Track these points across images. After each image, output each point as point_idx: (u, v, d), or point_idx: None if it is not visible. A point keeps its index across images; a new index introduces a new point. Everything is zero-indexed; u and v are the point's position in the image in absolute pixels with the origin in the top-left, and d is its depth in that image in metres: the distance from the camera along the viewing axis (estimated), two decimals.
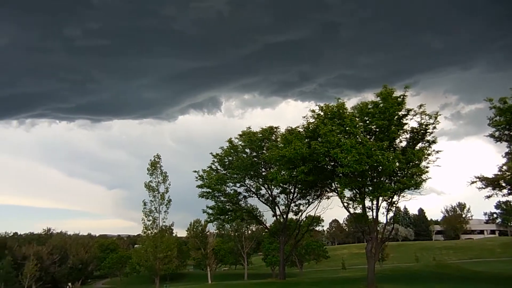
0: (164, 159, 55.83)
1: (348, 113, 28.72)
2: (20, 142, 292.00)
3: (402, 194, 29.87)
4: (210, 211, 40.15)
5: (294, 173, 30.12)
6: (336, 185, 31.66)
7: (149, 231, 54.24)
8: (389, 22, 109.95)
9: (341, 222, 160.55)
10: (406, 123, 29.14)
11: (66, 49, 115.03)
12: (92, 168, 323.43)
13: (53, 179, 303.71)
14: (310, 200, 39.81)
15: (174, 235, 71.05)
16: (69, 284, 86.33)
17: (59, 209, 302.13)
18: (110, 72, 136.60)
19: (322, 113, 29.67)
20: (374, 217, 30.30)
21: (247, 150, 38.80)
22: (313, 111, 30.55)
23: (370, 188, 29.18)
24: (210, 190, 39.07)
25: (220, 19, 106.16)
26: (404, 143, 29.86)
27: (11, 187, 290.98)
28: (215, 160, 40.21)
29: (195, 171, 40.07)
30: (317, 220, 46.66)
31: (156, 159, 54.95)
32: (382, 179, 28.96)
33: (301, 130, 32.01)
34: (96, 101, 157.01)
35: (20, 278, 69.74)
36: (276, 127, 37.86)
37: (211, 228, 73.89)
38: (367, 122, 28.83)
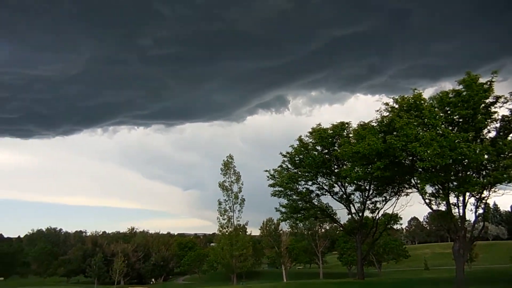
0: (234, 159, 57.13)
1: (426, 104, 26.88)
2: (105, 148, 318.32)
3: (493, 189, 27.20)
4: (283, 210, 40.14)
5: (369, 169, 29.04)
6: (415, 181, 29.81)
7: (225, 230, 55.92)
8: (465, 2, 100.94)
9: (421, 220, 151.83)
10: (495, 112, 26.46)
11: (140, 59, 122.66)
12: (168, 170, 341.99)
13: (134, 181, 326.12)
14: (387, 197, 38.16)
15: (248, 233, 72.24)
16: (153, 279, 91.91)
17: (140, 209, 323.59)
18: (181, 78, 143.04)
19: (397, 106, 28.17)
20: (461, 214, 28.08)
21: (318, 148, 38.11)
22: (387, 104, 29.16)
23: (455, 183, 27.09)
24: (282, 189, 39.12)
25: (283, 17, 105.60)
26: (493, 133, 27.16)
27: (98, 190, 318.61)
28: (286, 159, 40.08)
29: (266, 171, 40.44)
30: (395, 218, 44.49)
31: (229, 159, 56.44)
32: (468, 173, 26.70)
33: (374, 124, 30.64)
34: (169, 107, 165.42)
35: (110, 273, 75.73)
36: (347, 123, 36.69)
37: (284, 226, 73.97)
38: (449, 112, 26.72)
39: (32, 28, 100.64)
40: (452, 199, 28.09)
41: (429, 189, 28.88)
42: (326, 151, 37.76)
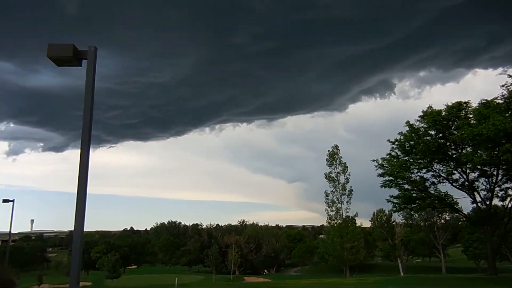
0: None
1: None
2: (213, 146, 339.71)
3: None
4: (395, 201, 37.79)
5: (496, 152, 25.63)
6: None
7: (333, 221, 54.91)
8: None
9: None
10: None
11: (237, 57, 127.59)
12: (273, 164, 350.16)
13: (241, 176, 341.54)
14: None
15: (358, 225, 69.91)
16: (265, 270, 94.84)
17: (248, 202, 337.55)
18: (279, 71, 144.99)
19: None
20: None
21: (431, 132, 35.04)
22: None
23: None
24: (393, 178, 36.84)
25: None
26: None
27: (209, 185, 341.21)
28: (394, 146, 37.63)
29: (373, 160, 38.52)
30: None
31: (334, 149, 55.17)
32: None
33: (500, 101, 27.00)
34: (269, 101, 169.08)
35: (226, 263, 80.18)
36: (465, 102, 32.87)
37: (397, 217, 69.80)
38: None
39: (142, 40, 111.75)
40: None
41: None
42: (441, 135, 34.48)
